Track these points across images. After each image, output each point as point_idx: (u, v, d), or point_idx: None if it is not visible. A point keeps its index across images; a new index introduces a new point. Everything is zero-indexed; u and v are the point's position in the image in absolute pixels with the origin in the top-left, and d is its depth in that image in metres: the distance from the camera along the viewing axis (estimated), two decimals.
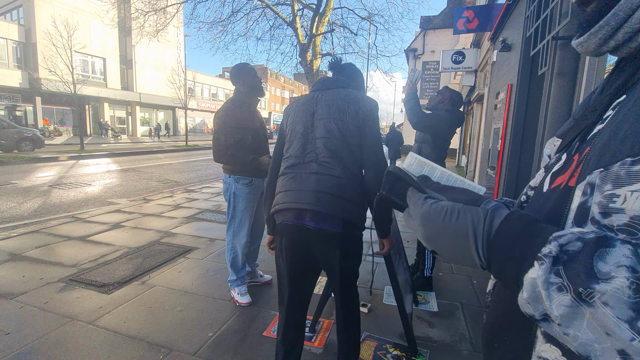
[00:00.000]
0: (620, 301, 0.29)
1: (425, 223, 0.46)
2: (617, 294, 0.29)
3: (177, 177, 9.00)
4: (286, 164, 1.46)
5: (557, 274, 0.33)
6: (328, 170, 1.36)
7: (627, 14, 0.40)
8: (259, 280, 2.86)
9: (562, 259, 0.33)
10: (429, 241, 0.47)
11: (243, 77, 2.43)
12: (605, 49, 0.43)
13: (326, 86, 1.50)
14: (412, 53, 21.31)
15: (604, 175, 0.36)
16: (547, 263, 0.34)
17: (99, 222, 4.41)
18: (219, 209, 5.36)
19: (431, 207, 0.46)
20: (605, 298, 0.30)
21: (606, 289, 0.30)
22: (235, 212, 2.50)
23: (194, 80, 28.50)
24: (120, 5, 13.52)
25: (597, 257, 0.31)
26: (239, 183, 2.45)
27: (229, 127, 2.34)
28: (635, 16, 0.38)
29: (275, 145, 1.55)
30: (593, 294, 0.30)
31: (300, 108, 1.48)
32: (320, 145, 1.39)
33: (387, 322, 2.32)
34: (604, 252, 0.31)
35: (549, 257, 0.34)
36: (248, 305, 2.49)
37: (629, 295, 0.29)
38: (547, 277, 0.33)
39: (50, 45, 13.54)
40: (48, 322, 2.19)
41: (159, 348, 1.99)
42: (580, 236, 0.34)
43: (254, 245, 2.80)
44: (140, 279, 2.86)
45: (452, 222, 0.43)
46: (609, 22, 0.41)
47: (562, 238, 0.34)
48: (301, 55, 11.87)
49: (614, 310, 0.29)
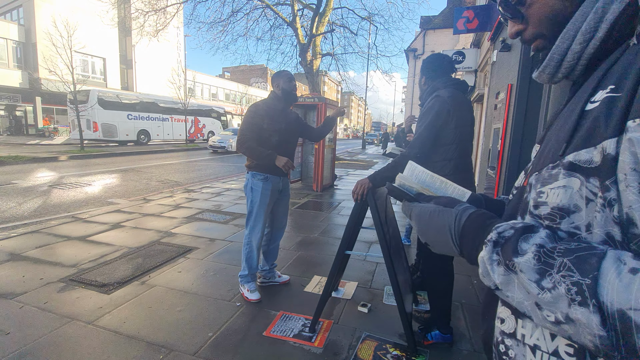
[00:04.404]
0: (529, 268, 0.41)
1: (417, 221, 0.60)
2: (527, 263, 0.41)
3: (177, 177, 9.00)
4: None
5: (497, 253, 0.45)
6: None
7: (561, 55, 0.51)
8: (276, 280, 2.86)
9: (500, 242, 0.45)
10: (421, 235, 0.60)
11: (278, 81, 2.57)
12: (557, 79, 0.54)
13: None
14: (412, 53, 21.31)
15: (537, 177, 0.49)
16: (490, 246, 0.46)
17: (99, 222, 4.41)
18: (219, 209, 5.37)
19: (421, 209, 0.59)
20: (521, 267, 0.41)
21: (521, 260, 0.42)
22: (252, 207, 2.57)
23: (194, 80, 28.49)
24: (120, 5, 13.51)
25: (522, 239, 0.43)
26: (255, 178, 2.54)
27: (255, 126, 2.47)
28: (568, 57, 0.50)
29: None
30: (515, 264, 0.42)
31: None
32: None
33: (387, 322, 2.32)
34: (528, 235, 0.43)
35: (491, 241, 0.46)
36: (256, 303, 2.51)
37: (534, 263, 0.40)
38: (490, 255, 0.46)
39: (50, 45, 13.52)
40: (48, 322, 2.19)
41: (158, 348, 1.99)
42: (513, 225, 0.46)
43: (273, 244, 2.81)
44: (140, 279, 2.86)
45: (434, 221, 0.56)
46: (549, 63, 0.52)
47: (500, 227, 0.47)
48: (301, 55, 11.87)
49: (526, 274, 0.41)
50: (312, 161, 7.46)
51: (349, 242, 2.14)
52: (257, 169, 2.53)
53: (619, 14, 0.45)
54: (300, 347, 2.04)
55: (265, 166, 2.50)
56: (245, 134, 2.46)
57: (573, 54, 0.49)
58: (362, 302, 2.55)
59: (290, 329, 2.21)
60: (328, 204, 6.19)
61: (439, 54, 2.20)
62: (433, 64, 2.12)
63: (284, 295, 2.70)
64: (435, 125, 1.95)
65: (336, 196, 6.84)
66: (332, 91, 70.34)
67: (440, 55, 2.17)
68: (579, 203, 0.43)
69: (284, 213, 2.80)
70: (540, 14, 0.53)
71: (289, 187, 2.81)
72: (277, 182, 2.60)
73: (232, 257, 3.40)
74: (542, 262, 0.40)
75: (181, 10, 13.61)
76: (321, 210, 5.64)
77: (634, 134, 0.37)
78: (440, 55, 2.17)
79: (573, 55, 0.50)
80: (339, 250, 2.13)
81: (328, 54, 13.37)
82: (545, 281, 0.39)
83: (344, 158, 15.88)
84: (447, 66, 2.11)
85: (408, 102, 23.85)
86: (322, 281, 2.92)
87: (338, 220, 5.05)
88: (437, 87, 2.05)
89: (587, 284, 0.35)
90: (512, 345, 0.52)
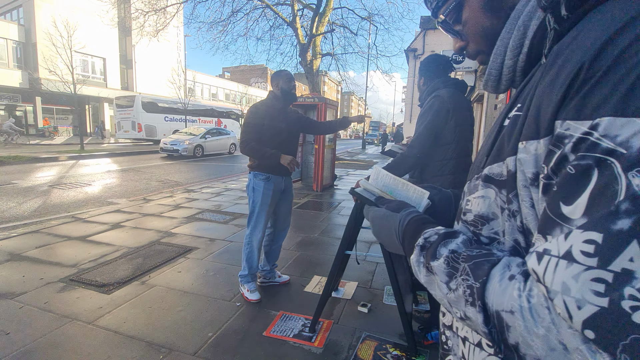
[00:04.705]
0: (440, 270, 0.45)
1: (372, 224, 0.66)
2: (439, 267, 0.45)
3: (177, 177, 9.01)
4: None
5: (423, 256, 0.49)
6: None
7: (498, 70, 0.53)
8: (276, 280, 2.86)
9: (426, 246, 0.49)
10: (375, 236, 0.65)
11: (277, 81, 2.57)
12: (501, 90, 0.57)
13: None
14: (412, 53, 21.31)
15: (467, 186, 0.54)
16: (417, 249, 0.50)
17: (99, 222, 4.42)
18: (219, 209, 5.37)
19: (374, 213, 0.65)
20: (435, 269, 0.46)
21: (435, 264, 0.46)
22: (253, 207, 2.57)
23: (194, 80, 28.48)
24: (120, 5, 13.51)
25: (442, 244, 0.47)
26: (257, 178, 2.54)
27: (256, 126, 2.48)
28: (504, 70, 0.52)
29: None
30: (432, 267, 0.46)
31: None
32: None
33: (387, 322, 2.32)
34: (448, 241, 0.47)
35: (418, 245, 0.50)
36: (255, 303, 2.51)
37: (444, 267, 0.44)
38: (417, 258, 0.50)
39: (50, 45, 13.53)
40: (48, 322, 2.19)
41: (159, 348, 1.99)
42: (437, 231, 0.50)
43: (275, 245, 2.81)
44: (140, 279, 2.86)
45: (385, 224, 0.61)
46: (489, 78, 0.55)
47: (427, 233, 0.51)
48: (301, 55, 11.87)
49: (438, 276, 0.45)
50: (312, 161, 7.45)
51: (349, 242, 2.14)
52: (259, 169, 2.53)
53: (537, 30, 0.47)
54: (300, 347, 2.04)
55: (267, 166, 2.51)
56: (248, 135, 2.47)
57: (508, 68, 0.52)
58: (362, 302, 2.55)
59: (290, 329, 2.21)
60: (328, 204, 6.19)
61: (437, 55, 2.21)
62: (431, 64, 2.12)
63: (284, 295, 2.70)
64: (434, 124, 1.95)
65: (336, 196, 6.84)
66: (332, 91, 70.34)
67: (438, 56, 2.17)
68: (496, 211, 0.46)
69: (286, 213, 2.80)
70: (474, 32, 0.56)
71: (292, 187, 2.81)
72: (279, 182, 2.61)
73: (232, 257, 3.40)
74: (450, 266, 0.44)
75: (181, 10, 13.61)
76: (321, 210, 5.65)
77: (521, 155, 0.41)
78: (438, 56, 2.17)
79: (508, 69, 0.52)
80: (339, 250, 2.13)
81: (328, 54, 13.37)
82: (452, 283, 0.43)
83: (344, 158, 15.89)
84: (446, 66, 2.11)
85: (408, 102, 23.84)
86: (322, 281, 2.92)
87: (338, 220, 5.05)
88: (436, 86, 2.05)
89: (476, 288, 0.39)
90: (450, 336, 0.57)
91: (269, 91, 2.65)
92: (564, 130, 0.35)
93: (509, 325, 0.36)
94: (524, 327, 0.35)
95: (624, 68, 0.31)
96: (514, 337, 0.36)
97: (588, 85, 0.33)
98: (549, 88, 0.38)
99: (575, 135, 0.34)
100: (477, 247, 0.45)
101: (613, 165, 0.30)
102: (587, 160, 0.32)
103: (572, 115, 0.34)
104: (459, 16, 0.57)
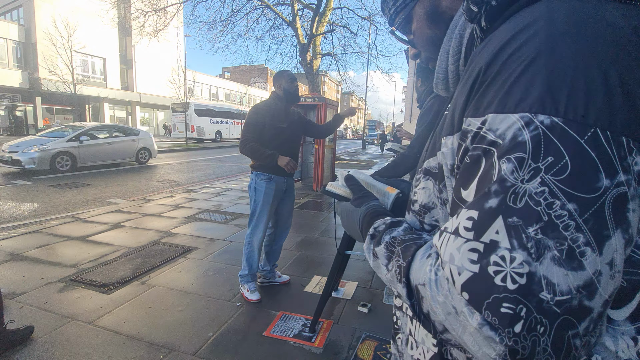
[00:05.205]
0: (382, 254, 0.50)
1: (341, 217, 0.75)
2: (381, 251, 0.50)
3: (177, 177, 9.01)
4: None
5: (372, 243, 0.53)
6: None
7: (444, 74, 0.57)
8: (276, 280, 2.86)
9: (375, 235, 0.54)
10: (344, 228, 0.73)
11: (280, 81, 2.57)
12: (451, 93, 0.60)
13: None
14: None
15: (414, 179, 0.58)
16: (368, 238, 0.55)
17: (99, 222, 4.42)
18: (219, 209, 5.37)
19: (342, 208, 0.72)
20: (378, 254, 0.51)
21: (378, 249, 0.51)
22: (255, 207, 2.57)
23: (194, 80, 28.49)
24: (120, 5, 13.52)
25: (387, 232, 0.51)
26: (259, 178, 2.54)
27: (257, 127, 2.48)
28: (449, 74, 0.57)
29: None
30: (376, 252, 0.51)
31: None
32: None
33: (387, 322, 2.32)
34: (392, 229, 0.51)
35: (369, 235, 0.55)
36: (255, 303, 2.51)
37: (384, 251, 0.49)
38: (368, 245, 0.54)
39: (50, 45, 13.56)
40: (48, 322, 2.19)
41: (159, 348, 1.99)
42: (384, 221, 0.55)
43: (276, 245, 2.81)
44: (140, 279, 2.86)
45: (350, 218, 0.68)
46: (437, 81, 0.60)
47: (376, 223, 0.56)
48: (301, 55, 11.86)
49: (380, 260, 0.50)
50: (312, 161, 7.45)
51: (349, 242, 2.14)
52: (261, 169, 2.54)
53: (469, 38, 0.52)
54: (300, 347, 2.04)
55: (269, 166, 2.51)
56: (247, 135, 2.47)
57: (451, 72, 0.57)
58: (362, 302, 2.55)
59: (290, 329, 2.21)
60: (328, 204, 6.19)
61: None
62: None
63: (284, 295, 2.70)
64: (434, 124, 1.95)
65: None
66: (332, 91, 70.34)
67: None
68: (435, 201, 0.52)
69: (288, 214, 2.79)
70: (422, 41, 0.62)
71: (294, 187, 2.80)
72: (282, 182, 2.61)
73: (232, 257, 3.40)
74: (389, 250, 0.49)
75: (181, 11, 13.60)
76: (321, 210, 5.65)
77: (443, 149, 0.47)
78: None
79: (452, 73, 0.57)
80: (339, 250, 2.13)
81: (328, 54, 13.36)
82: (389, 264, 0.48)
83: (344, 158, 15.89)
84: None
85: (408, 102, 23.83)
86: (322, 281, 2.92)
87: (338, 220, 5.04)
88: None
89: (403, 267, 0.44)
90: (400, 316, 0.63)
91: (272, 91, 2.65)
92: (466, 126, 0.40)
93: (422, 296, 0.41)
94: (430, 297, 0.39)
95: (506, 73, 0.36)
96: (426, 306, 0.41)
97: (483, 86, 0.39)
98: (462, 90, 0.43)
99: (472, 130, 0.39)
100: (412, 233, 0.50)
101: (493, 153, 0.35)
102: (477, 151, 0.38)
103: (472, 113, 0.39)
104: (409, 27, 0.64)
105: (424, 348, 0.54)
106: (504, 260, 0.32)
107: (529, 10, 0.39)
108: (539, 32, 0.36)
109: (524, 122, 0.33)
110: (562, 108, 0.32)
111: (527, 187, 0.33)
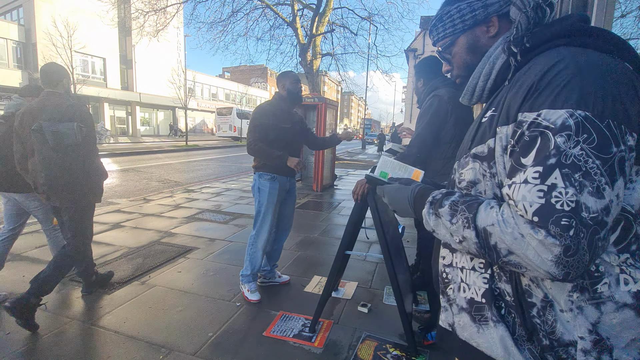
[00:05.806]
0: (446, 213, 0.69)
1: (388, 196, 0.89)
2: (445, 211, 0.69)
3: (177, 177, 9.01)
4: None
5: (432, 208, 0.73)
6: None
7: (473, 88, 0.82)
8: (276, 280, 2.86)
9: (434, 202, 0.73)
10: (391, 205, 0.88)
11: (284, 82, 2.56)
12: (473, 102, 0.85)
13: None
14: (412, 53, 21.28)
15: (458, 164, 0.80)
16: (428, 204, 0.75)
17: (99, 222, 4.41)
18: (219, 209, 5.37)
19: (390, 188, 0.90)
20: (441, 213, 0.70)
21: (441, 210, 0.70)
22: (259, 207, 2.57)
23: (194, 80, 28.50)
24: (120, 5, 13.51)
25: (445, 199, 0.71)
26: (262, 178, 2.54)
27: (262, 127, 2.48)
28: (477, 89, 0.81)
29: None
30: (439, 213, 0.71)
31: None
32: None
33: (387, 322, 2.32)
34: (448, 197, 0.71)
35: (428, 202, 0.75)
36: (255, 303, 2.51)
37: (448, 210, 0.69)
38: (428, 210, 0.74)
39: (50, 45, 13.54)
40: (48, 322, 2.19)
41: (159, 348, 1.99)
42: (441, 191, 0.75)
43: (276, 245, 2.81)
44: (140, 279, 2.86)
45: (399, 194, 0.85)
46: (466, 93, 0.84)
47: (434, 193, 0.75)
48: (301, 55, 11.86)
49: (444, 217, 0.69)
50: (312, 161, 7.46)
51: (349, 242, 2.14)
52: (264, 169, 2.53)
53: (501, 65, 0.75)
54: (300, 347, 2.04)
55: (272, 166, 2.51)
56: (255, 136, 2.48)
57: (480, 88, 0.81)
58: (362, 302, 2.55)
59: (290, 329, 2.21)
60: (328, 204, 6.19)
61: (433, 56, 2.21)
62: (429, 65, 2.14)
63: (284, 295, 2.70)
64: (434, 124, 1.96)
65: (336, 196, 6.84)
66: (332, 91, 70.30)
67: (435, 56, 2.18)
68: (479, 177, 0.72)
69: (289, 214, 2.79)
70: (458, 63, 0.85)
71: (295, 187, 2.81)
72: (285, 182, 2.61)
73: (232, 257, 3.40)
74: (451, 209, 0.68)
75: (181, 11, 13.61)
76: (321, 210, 5.65)
77: (499, 135, 0.67)
78: (434, 57, 2.17)
79: (480, 89, 0.81)
80: (339, 250, 2.13)
81: (328, 54, 13.36)
82: (454, 219, 0.67)
83: (344, 158, 15.89)
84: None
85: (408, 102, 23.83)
86: (322, 281, 2.92)
87: (338, 220, 5.05)
88: (435, 86, 2.05)
89: (470, 217, 0.64)
90: (450, 271, 0.81)
91: (275, 92, 2.65)
92: (523, 118, 0.62)
93: (490, 233, 0.61)
94: (500, 231, 0.59)
95: (553, 85, 0.59)
96: (494, 239, 0.60)
97: (536, 93, 0.61)
98: (515, 95, 0.65)
99: (528, 120, 0.60)
100: (467, 197, 0.70)
101: (548, 133, 0.57)
102: (535, 133, 0.59)
103: (527, 109, 0.61)
104: (450, 50, 0.86)
105: (476, 288, 0.73)
106: (561, 194, 0.53)
107: (554, 51, 0.64)
108: (570, 65, 0.59)
109: (569, 114, 0.55)
110: (590, 107, 0.55)
111: (572, 152, 0.54)
